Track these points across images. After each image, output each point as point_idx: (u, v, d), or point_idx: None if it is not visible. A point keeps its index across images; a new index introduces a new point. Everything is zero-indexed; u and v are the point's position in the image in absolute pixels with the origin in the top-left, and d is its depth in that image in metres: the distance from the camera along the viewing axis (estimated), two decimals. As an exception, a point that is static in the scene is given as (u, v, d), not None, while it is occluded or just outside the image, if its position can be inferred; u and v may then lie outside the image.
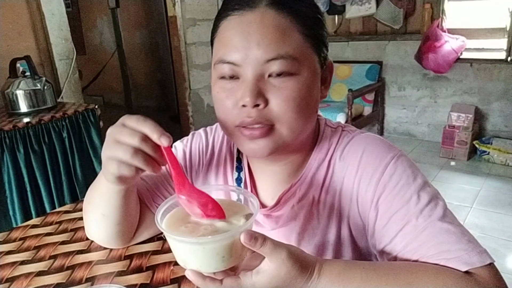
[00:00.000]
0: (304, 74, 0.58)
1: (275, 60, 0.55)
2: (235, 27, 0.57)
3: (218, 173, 0.76)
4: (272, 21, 0.55)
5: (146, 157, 0.52)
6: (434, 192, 0.60)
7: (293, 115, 0.57)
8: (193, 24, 3.65)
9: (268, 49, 0.55)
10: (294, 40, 0.56)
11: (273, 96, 0.56)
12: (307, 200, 0.67)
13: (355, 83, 3.63)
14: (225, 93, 0.59)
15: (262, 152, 0.60)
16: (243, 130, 0.59)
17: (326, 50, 0.63)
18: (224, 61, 0.57)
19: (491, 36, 3.34)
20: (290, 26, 0.56)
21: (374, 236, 0.61)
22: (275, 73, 0.56)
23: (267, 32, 0.55)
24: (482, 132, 3.45)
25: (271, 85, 0.56)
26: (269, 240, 0.48)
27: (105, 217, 0.68)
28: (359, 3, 3.63)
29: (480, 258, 0.53)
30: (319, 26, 0.60)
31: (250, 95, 0.55)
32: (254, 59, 0.55)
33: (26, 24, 2.35)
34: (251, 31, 0.55)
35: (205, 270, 0.50)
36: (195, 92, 3.83)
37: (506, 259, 2.07)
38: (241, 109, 0.57)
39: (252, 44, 0.55)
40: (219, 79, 0.60)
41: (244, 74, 0.57)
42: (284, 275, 0.48)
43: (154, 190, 0.75)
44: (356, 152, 0.63)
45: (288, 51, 0.55)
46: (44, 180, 1.86)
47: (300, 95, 0.57)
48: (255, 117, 0.57)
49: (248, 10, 0.56)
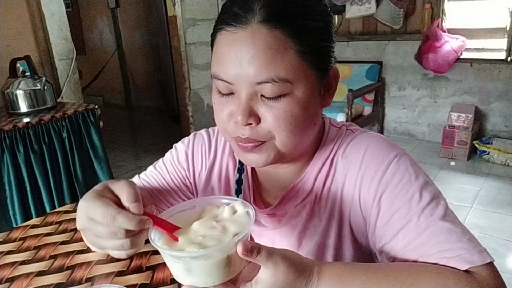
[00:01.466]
0: (298, 93, 0.56)
1: (265, 84, 0.54)
2: (228, 44, 0.56)
3: (220, 174, 0.76)
4: (264, 41, 0.53)
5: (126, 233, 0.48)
6: (436, 191, 0.60)
7: (285, 133, 0.57)
8: (193, 24, 3.65)
9: (258, 72, 0.53)
10: (287, 60, 0.54)
11: (265, 115, 0.56)
12: (310, 198, 0.67)
13: (355, 83, 3.62)
14: (221, 105, 0.59)
15: (257, 163, 0.61)
16: (238, 142, 0.60)
17: (330, 60, 0.61)
18: (218, 77, 0.57)
19: (491, 36, 3.34)
20: (283, 44, 0.54)
21: (374, 233, 0.61)
22: (267, 96, 0.55)
23: (258, 53, 0.53)
24: (482, 132, 3.45)
25: (264, 104, 0.56)
26: (264, 248, 0.47)
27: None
28: (359, 3, 3.63)
29: (481, 257, 0.53)
30: (321, 38, 0.58)
31: (242, 114, 0.55)
32: (246, 79, 0.55)
33: (26, 24, 2.36)
34: (243, 50, 0.54)
35: (203, 285, 0.48)
36: (195, 92, 3.84)
37: (506, 259, 2.07)
38: (235, 124, 0.58)
39: (244, 64, 0.54)
40: (216, 91, 0.60)
41: (238, 91, 0.56)
42: (282, 281, 0.48)
43: (156, 194, 0.74)
44: (359, 151, 0.63)
45: (279, 74, 0.54)
46: (44, 180, 1.86)
47: (293, 114, 0.56)
48: (247, 136, 0.57)
49: (240, 28, 0.54)
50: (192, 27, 3.64)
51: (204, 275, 0.48)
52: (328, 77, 0.62)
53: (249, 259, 0.47)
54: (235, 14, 0.55)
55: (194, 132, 0.80)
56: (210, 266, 0.47)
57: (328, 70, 0.61)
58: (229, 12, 0.56)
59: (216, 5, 3.72)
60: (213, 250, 0.46)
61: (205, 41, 3.69)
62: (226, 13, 0.57)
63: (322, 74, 0.60)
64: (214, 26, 0.60)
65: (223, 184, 0.75)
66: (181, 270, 0.48)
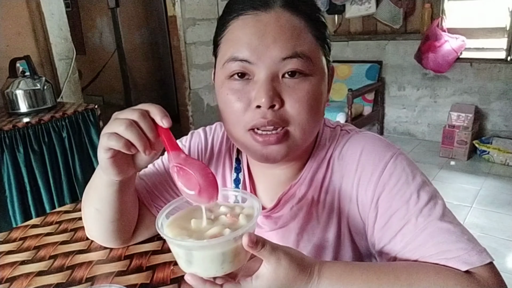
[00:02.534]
0: (317, 76, 0.58)
1: (291, 59, 0.55)
2: (249, 27, 0.56)
3: (216, 173, 0.75)
4: (288, 22, 0.56)
5: (139, 133, 0.52)
6: (433, 191, 0.59)
7: (306, 116, 0.57)
8: (193, 24, 3.65)
9: (284, 47, 0.55)
10: (308, 40, 0.57)
11: (287, 97, 0.56)
12: (306, 200, 0.67)
13: (355, 82, 3.63)
14: (235, 94, 0.57)
15: (275, 157, 0.59)
16: (256, 136, 0.58)
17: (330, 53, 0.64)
18: (237, 58, 0.56)
19: (491, 36, 3.34)
20: (303, 27, 0.57)
21: (373, 235, 0.61)
22: (290, 72, 0.56)
23: (283, 32, 0.55)
24: (482, 131, 3.45)
25: (286, 86, 0.56)
26: (268, 243, 0.48)
27: (99, 212, 0.68)
28: (359, 2, 3.63)
29: (480, 257, 0.53)
30: (325, 29, 0.61)
31: (266, 95, 0.54)
32: (269, 56, 0.55)
33: (26, 24, 2.35)
34: (267, 30, 0.55)
35: (205, 275, 0.49)
36: (195, 92, 3.83)
37: (506, 259, 2.06)
38: (255, 110, 0.56)
39: (268, 42, 0.55)
40: (227, 79, 0.58)
41: (258, 72, 0.56)
42: (283, 277, 0.48)
43: (153, 190, 0.75)
44: (355, 151, 0.63)
45: (303, 50, 0.56)
46: (44, 180, 1.86)
47: (313, 97, 0.57)
48: (270, 118, 0.56)
49: (263, 11, 0.56)
50: (192, 27, 3.64)
51: (206, 265, 0.48)
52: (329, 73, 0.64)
53: (253, 252, 0.47)
54: (255, 1, 0.57)
55: (192, 131, 0.80)
56: (212, 257, 0.47)
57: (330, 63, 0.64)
58: (245, 1, 0.57)
59: (216, 5, 3.71)
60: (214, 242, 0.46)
61: (205, 41, 3.69)
62: (242, 2, 0.58)
63: (328, 65, 0.62)
64: (224, 18, 0.60)
65: (219, 183, 0.75)
66: (184, 259, 0.49)
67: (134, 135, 0.51)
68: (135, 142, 0.52)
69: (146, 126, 0.52)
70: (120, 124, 0.52)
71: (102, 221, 0.70)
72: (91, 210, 0.69)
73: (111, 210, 0.67)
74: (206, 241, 0.47)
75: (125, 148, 0.52)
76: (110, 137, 0.52)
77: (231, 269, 0.49)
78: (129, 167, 0.59)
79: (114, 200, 0.65)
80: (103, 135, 0.53)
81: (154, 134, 0.53)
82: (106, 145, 0.53)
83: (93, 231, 0.75)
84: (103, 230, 0.72)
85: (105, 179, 0.62)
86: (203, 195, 0.51)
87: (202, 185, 0.51)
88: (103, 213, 0.68)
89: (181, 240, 0.48)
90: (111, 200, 0.65)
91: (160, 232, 0.49)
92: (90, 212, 0.70)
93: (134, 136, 0.51)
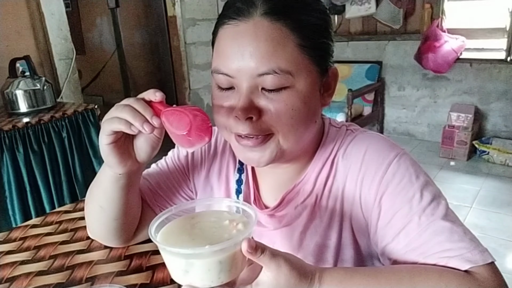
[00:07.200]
0: (299, 86, 0.56)
1: (267, 75, 0.54)
2: (229, 37, 0.56)
3: (220, 174, 0.76)
4: (265, 33, 0.54)
5: (135, 111, 0.54)
6: (437, 191, 0.60)
7: (287, 127, 0.57)
8: (192, 24, 3.65)
9: (260, 63, 0.54)
10: (288, 52, 0.54)
11: (266, 108, 0.56)
12: (310, 199, 0.67)
13: (355, 83, 3.62)
14: (221, 101, 0.59)
15: (258, 161, 0.60)
16: (239, 138, 0.59)
17: (329, 58, 0.62)
18: (219, 71, 0.57)
19: (491, 36, 3.35)
20: (284, 37, 0.54)
21: (376, 234, 0.61)
22: (268, 88, 0.55)
23: (260, 45, 0.54)
24: (482, 132, 3.45)
25: (265, 97, 0.56)
26: (268, 249, 0.47)
27: (102, 210, 0.69)
28: (359, 3, 3.63)
29: (482, 256, 0.53)
30: (320, 34, 0.58)
31: (242, 108, 0.55)
32: (246, 72, 0.55)
33: (26, 24, 2.35)
34: (245, 42, 0.54)
35: (201, 285, 0.47)
36: (195, 92, 3.83)
37: (506, 259, 2.07)
38: (235, 119, 0.57)
39: (245, 56, 0.54)
40: (216, 87, 0.60)
41: (239, 85, 0.56)
42: (284, 284, 0.48)
43: (156, 190, 0.75)
44: (359, 151, 0.63)
45: (280, 65, 0.54)
46: (44, 180, 1.85)
47: (294, 107, 0.56)
48: (248, 131, 0.57)
49: (243, 21, 0.55)
50: (192, 27, 3.64)
51: (203, 275, 0.47)
52: (327, 76, 0.62)
53: (253, 258, 0.47)
54: (238, 8, 0.56)
55: None
56: (209, 265, 0.46)
57: (328, 69, 0.62)
58: (232, 7, 0.57)
59: (216, 5, 3.72)
60: (214, 249, 0.45)
61: (205, 41, 3.69)
62: (229, 8, 0.58)
63: (322, 71, 0.60)
64: (216, 23, 0.60)
65: (223, 184, 0.75)
66: (180, 269, 0.47)
67: (130, 114, 0.54)
68: (132, 120, 0.54)
69: (140, 105, 0.55)
70: (116, 109, 0.56)
71: (105, 218, 0.70)
72: (95, 207, 0.70)
73: (115, 207, 0.67)
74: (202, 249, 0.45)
75: (126, 126, 0.55)
76: (111, 121, 0.55)
77: (227, 279, 0.48)
78: (130, 157, 0.60)
79: (118, 197, 0.66)
80: (103, 123, 0.57)
81: (149, 112, 0.55)
82: (107, 128, 0.56)
83: (95, 229, 0.75)
84: (105, 228, 0.72)
85: (110, 175, 0.62)
86: (195, 133, 0.53)
87: (194, 124, 0.52)
88: (106, 210, 0.68)
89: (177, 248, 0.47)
90: (115, 197, 0.66)
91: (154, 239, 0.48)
92: (93, 209, 0.71)
93: (131, 114, 0.54)
